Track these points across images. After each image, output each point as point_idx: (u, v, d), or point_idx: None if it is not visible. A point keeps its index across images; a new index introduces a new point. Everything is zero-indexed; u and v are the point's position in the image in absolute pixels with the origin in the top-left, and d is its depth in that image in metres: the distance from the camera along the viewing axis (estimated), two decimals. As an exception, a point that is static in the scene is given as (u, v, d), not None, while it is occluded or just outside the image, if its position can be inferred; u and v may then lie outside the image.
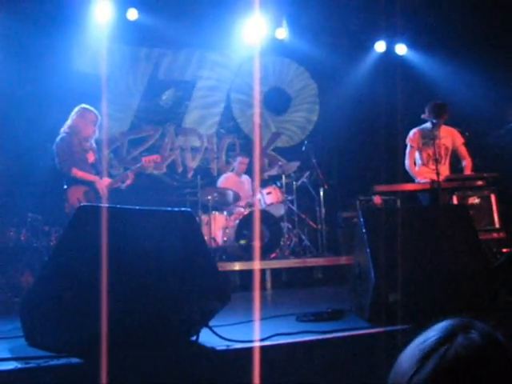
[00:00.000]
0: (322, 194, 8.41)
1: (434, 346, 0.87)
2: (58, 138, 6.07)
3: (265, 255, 7.47)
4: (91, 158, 6.21)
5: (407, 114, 7.63)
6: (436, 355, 0.85)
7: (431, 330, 0.92)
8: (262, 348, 2.71)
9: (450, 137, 6.74)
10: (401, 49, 10.00)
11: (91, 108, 6.23)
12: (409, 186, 6.49)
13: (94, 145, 6.35)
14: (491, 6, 8.48)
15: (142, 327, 2.64)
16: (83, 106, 6.20)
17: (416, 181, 6.60)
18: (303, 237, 8.28)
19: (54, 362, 2.41)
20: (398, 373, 0.89)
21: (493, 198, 7.27)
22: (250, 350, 2.69)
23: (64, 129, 6.14)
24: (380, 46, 10.01)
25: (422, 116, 6.47)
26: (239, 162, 8.76)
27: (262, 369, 2.66)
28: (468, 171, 6.72)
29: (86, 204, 4.99)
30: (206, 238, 7.11)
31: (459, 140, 6.80)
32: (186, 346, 2.80)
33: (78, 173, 5.95)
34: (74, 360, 2.43)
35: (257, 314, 3.93)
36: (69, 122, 6.15)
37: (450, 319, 0.93)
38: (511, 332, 0.93)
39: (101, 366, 2.35)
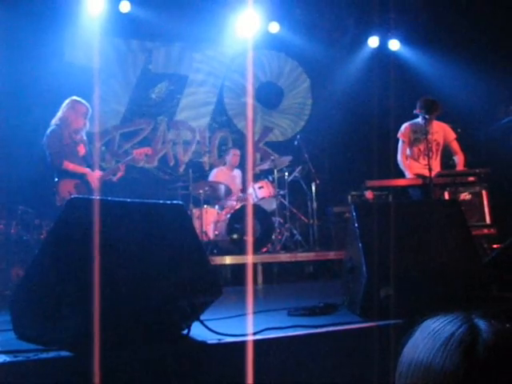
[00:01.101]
0: (313, 188, 8.41)
1: (472, 336, 0.86)
2: (49, 131, 6.04)
3: (256, 249, 7.47)
4: (82, 150, 6.18)
5: (400, 110, 7.64)
6: (480, 345, 0.85)
7: (440, 323, 0.91)
8: (254, 342, 2.70)
9: (441, 132, 6.74)
10: (394, 44, 10.01)
11: (82, 100, 6.19)
12: (400, 182, 6.49)
13: (85, 137, 6.31)
14: (483, 3, 8.49)
15: (133, 320, 2.62)
16: (74, 98, 6.17)
17: (406, 175, 6.62)
18: (295, 231, 8.28)
19: (44, 355, 2.39)
20: (438, 376, 0.86)
21: (484, 194, 7.31)
22: (241, 344, 2.68)
23: (55, 121, 6.10)
24: (373, 42, 10.02)
25: (414, 111, 6.48)
26: (232, 154, 8.73)
27: (253, 363, 2.65)
28: (460, 167, 6.71)
29: (76, 196, 4.95)
30: (197, 231, 7.10)
31: (451, 135, 6.80)
32: (178, 339, 2.79)
33: (69, 165, 5.92)
34: (64, 353, 2.41)
35: (248, 308, 3.93)
36: (59, 115, 6.11)
37: (445, 312, 0.93)
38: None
39: (91, 359, 2.34)
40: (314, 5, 9.43)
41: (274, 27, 9.73)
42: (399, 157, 6.76)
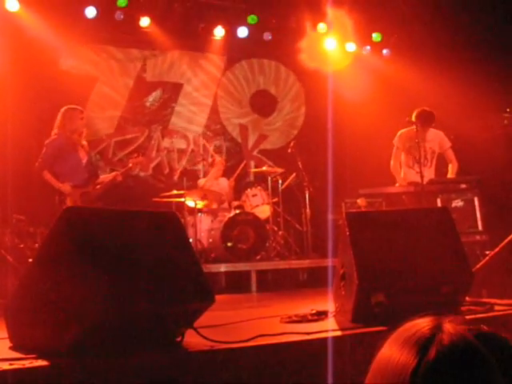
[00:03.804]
0: (307, 196, 8.46)
1: (430, 335, 0.91)
2: (50, 139, 6.12)
3: (250, 257, 7.50)
4: (84, 158, 6.23)
5: (393, 117, 7.69)
6: (435, 343, 0.89)
7: (413, 325, 0.96)
8: (246, 349, 2.74)
9: (437, 140, 6.79)
10: (386, 52, 10.09)
11: (74, 106, 6.29)
12: (392, 189, 6.55)
13: (86, 144, 6.39)
14: (477, 9, 8.56)
15: (127, 328, 2.65)
16: (67, 106, 6.26)
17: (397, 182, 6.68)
18: (289, 239, 8.31)
19: (39, 363, 2.41)
20: (393, 370, 0.91)
21: (476, 200, 7.35)
22: (233, 351, 2.71)
23: (54, 131, 6.18)
24: (365, 49, 10.09)
25: (407, 119, 6.50)
26: (218, 168, 8.73)
27: (245, 369, 2.68)
28: (453, 174, 6.77)
29: (71, 206, 5.00)
30: (191, 239, 7.14)
31: (446, 144, 6.85)
32: (171, 346, 2.82)
33: (46, 175, 5.97)
34: (59, 361, 2.43)
35: (241, 316, 3.96)
36: (57, 124, 6.19)
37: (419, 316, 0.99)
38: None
39: (85, 366, 2.37)
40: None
41: (267, 35, 9.80)
42: (392, 163, 6.82)
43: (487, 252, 6.71)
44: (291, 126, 10.66)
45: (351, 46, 10.04)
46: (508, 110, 8.93)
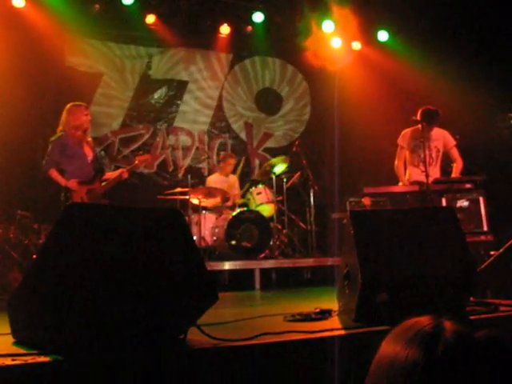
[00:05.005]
0: (312, 194, 8.44)
1: (434, 333, 0.95)
2: (55, 137, 6.10)
3: (254, 255, 7.49)
4: (90, 155, 6.23)
5: (398, 115, 7.68)
6: (440, 340, 0.93)
7: (413, 325, 0.99)
8: (249, 347, 2.73)
9: (441, 139, 6.80)
10: (392, 50, 10.07)
11: (78, 103, 6.27)
12: (397, 188, 6.54)
13: (91, 141, 6.39)
14: (483, 5, 8.52)
15: (129, 325, 2.65)
16: (71, 103, 6.24)
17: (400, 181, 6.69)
18: (293, 237, 8.30)
19: (42, 358, 2.41)
20: (400, 369, 0.94)
21: (481, 200, 7.33)
22: (237, 349, 2.70)
23: (59, 129, 6.17)
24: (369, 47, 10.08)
25: (413, 118, 6.51)
26: (228, 163, 8.73)
27: (248, 367, 2.68)
28: (457, 173, 6.78)
29: (74, 202, 5.00)
30: (195, 237, 7.14)
31: (451, 142, 6.86)
32: (174, 344, 2.81)
33: (53, 173, 5.97)
34: (61, 357, 2.43)
35: (245, 314, 3.95)
36: (62, 120, 6.18)
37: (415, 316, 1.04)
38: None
39: (87, 363, 2.36)
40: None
41: (274, 33, 9.79)
42: (396, 162, 6.83)
43: (492, 252, 6.69)
44: (296, 125, 10.64)
45: (357, 45, 10.01)
46: (514, 109, 8.89)
